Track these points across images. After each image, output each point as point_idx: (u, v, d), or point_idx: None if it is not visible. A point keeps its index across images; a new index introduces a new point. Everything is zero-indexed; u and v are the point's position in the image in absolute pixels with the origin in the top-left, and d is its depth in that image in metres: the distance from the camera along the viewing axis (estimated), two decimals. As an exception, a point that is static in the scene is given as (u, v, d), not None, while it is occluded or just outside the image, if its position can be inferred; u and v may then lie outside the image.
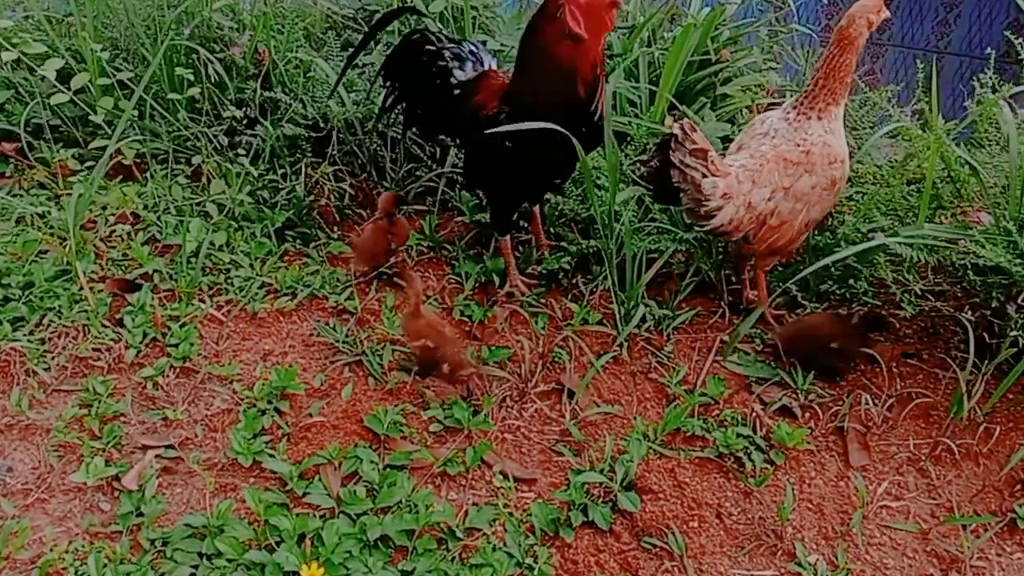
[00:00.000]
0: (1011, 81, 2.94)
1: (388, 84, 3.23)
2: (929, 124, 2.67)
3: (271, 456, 2.38)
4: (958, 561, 2.26)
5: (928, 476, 2.46)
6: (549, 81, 2.65)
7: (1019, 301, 2.47)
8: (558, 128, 2.56)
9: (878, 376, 2.77)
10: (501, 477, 2.38)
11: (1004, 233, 2.56)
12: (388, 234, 3.06)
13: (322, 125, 3.41)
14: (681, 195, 2.63)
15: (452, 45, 3.09)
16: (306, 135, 3.41)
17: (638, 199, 3.32)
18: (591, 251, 3.12)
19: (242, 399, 2.58)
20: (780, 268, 3.10)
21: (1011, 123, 2.70)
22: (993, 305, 2.55)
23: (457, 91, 3.02)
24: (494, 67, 3.09)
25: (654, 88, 3.52)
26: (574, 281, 3.16)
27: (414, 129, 3.38)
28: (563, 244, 3.18)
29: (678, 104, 3.51)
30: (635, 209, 3.29)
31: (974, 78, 3.18)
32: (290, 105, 3.37)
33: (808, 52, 4.01)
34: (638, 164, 3.37)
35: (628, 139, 3.40)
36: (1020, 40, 3.16)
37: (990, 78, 3.07)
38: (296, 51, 3.54)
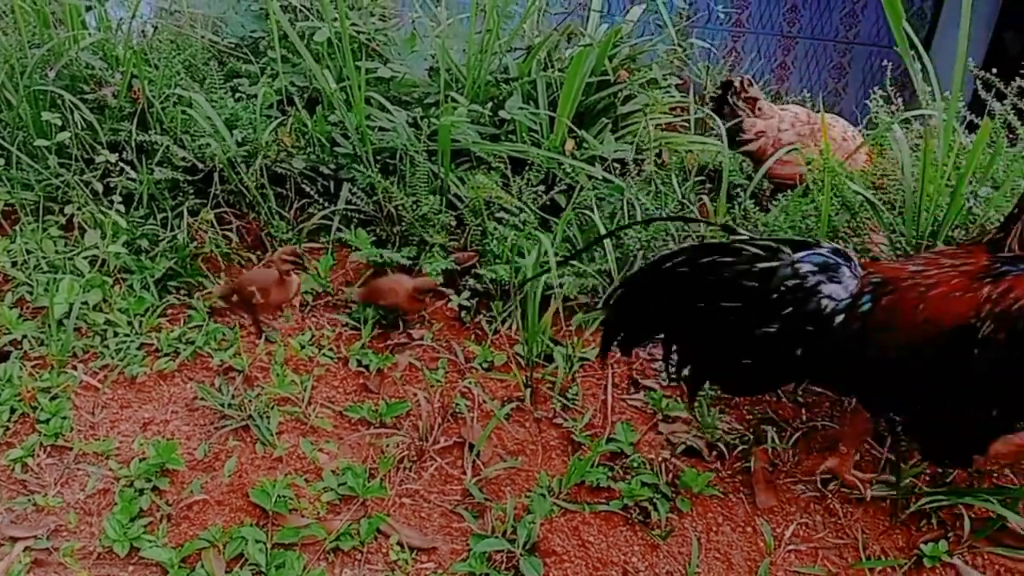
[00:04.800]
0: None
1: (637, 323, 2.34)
2: (825, 158, 2.62)
3: (150, 542, 2.21)
4: (868, 605, 2.22)
5: (836, 514, 2.42)
6: None
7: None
8: None
9: (783, 407, 2.73)
10: (398, 548, 2.26)
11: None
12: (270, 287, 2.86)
13: (200, 167, 3.21)
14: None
15: (805, 251, 2.11)
16: (186, 178, 3.21)
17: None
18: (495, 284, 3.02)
19: (119, 477, 2.40)
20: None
21: (904, 147, 2.68)
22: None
23: (840, 317, 2.08)
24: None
25: (552, 114, 3.43)
26: (476, 319, 3.06)
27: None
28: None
29: (576, 128, 3.42)
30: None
31: (870, 93, 3.18)
32: (167, 146, 3.16)
33: (709, 66, 3.96)
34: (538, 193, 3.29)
35: (528, 166, 3.30)
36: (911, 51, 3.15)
37: (888, 93, 3.07)
38: (175, 87, 3.34)
